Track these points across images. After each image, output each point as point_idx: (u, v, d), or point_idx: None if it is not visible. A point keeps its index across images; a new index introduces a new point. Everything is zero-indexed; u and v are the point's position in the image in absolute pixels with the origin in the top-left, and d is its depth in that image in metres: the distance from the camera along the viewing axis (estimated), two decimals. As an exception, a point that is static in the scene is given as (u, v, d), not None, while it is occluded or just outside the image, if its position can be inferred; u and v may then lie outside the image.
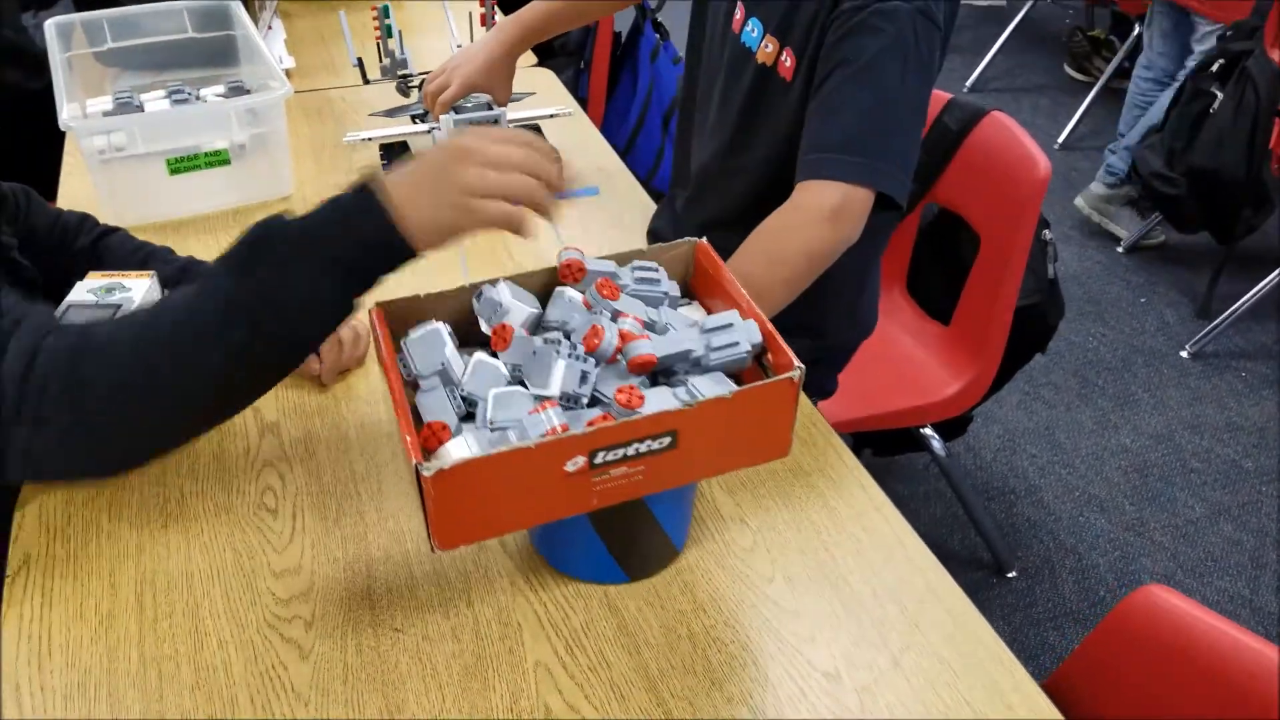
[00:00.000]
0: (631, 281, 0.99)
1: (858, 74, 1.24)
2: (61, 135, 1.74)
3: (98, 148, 1.56)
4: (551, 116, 1.77)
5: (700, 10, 1.53)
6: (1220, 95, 2.75)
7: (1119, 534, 2.31)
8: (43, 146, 1.16)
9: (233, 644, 0.96)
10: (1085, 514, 2.36)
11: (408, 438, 0.81)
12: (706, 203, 1.55)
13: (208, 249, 1.53)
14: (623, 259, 1.02)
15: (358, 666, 0.94)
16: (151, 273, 1.21)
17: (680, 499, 1.01)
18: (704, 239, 1.05)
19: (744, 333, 0.92)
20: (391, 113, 1.76)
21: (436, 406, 0.89)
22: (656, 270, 1.01)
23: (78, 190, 1.63)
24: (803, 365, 0.88)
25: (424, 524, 0.83)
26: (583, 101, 2.68)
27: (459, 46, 1.71)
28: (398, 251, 0.85)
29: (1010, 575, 2.19)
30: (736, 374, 0.94)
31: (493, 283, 0.96)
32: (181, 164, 1.59)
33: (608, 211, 1.60)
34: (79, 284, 1.18)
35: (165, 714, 0.89)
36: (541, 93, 1.96)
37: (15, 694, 0.91)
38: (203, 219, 1.61)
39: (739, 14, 1.41)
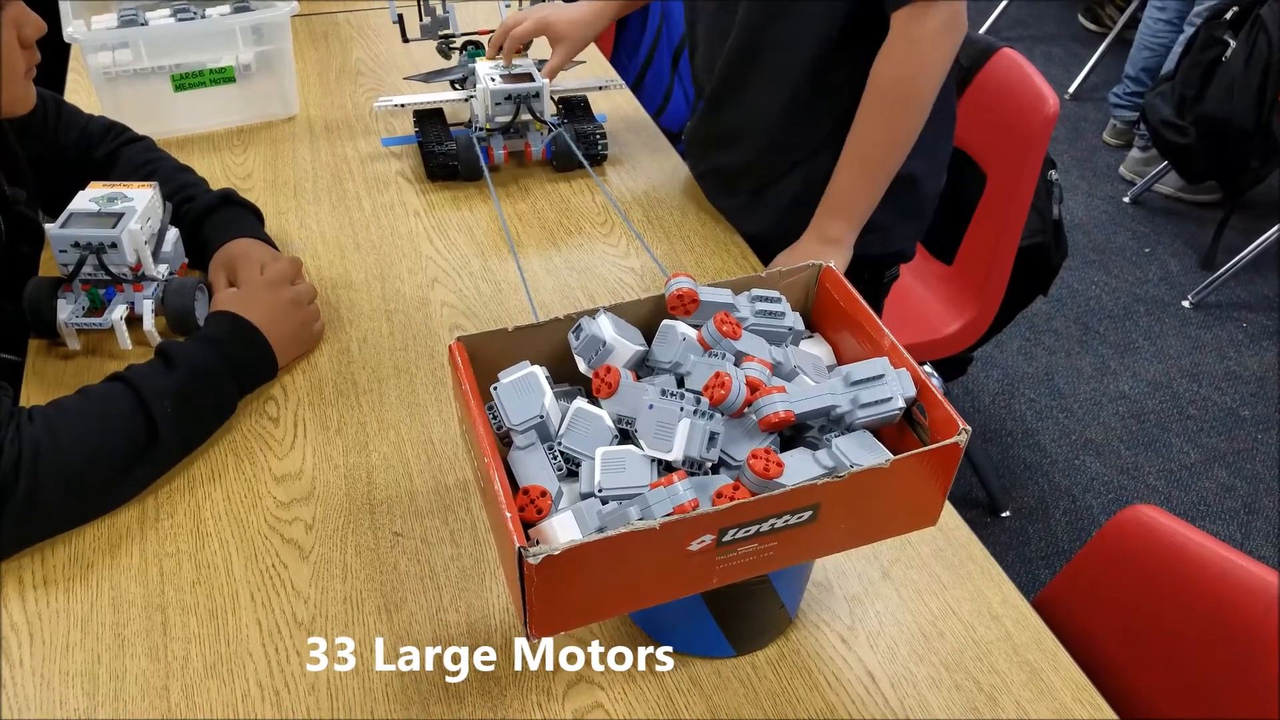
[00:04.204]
0: (751, 315, 0.86)
1: None
2: (63, 50, 1.74)
3: (103, 64, 1.56)
4: (600, 89, 1.69)
5: None
6: (1233, 44, 2.73)
7: (1113, 477, 2.32)
8: (43, 61, 1.16)
9: (234, 544, 0.97)
10: (1081, 457, 2.37)
11: (507, 514, 0.69)
12: (725, 111, 1.47)
13: (212, 166, 1.54)
14: (738, 286, 0.89)
15: (357, 567, 0.95)
16: (154, 184, 1.21)
17: (804, 565, 0.90)
18: (830, 264, 0.91)
19: (897, 386, 0.78)
20: (428, 77, 1.65)
21: (534, 468, 0.78)
22: (779, 301, 0.88)
23: (81, 107, 1.63)
24: (968, 427, 0.74)
25: (519, 605, 0.70)
26: (590, 36, 2.66)
27: (507, 7, 1.68)
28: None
29: (1004, 515, 2.21)
30: (876, 430, 0.80)
31: (592, 314, 0.84)
32: (186, 80, 1.59)
33: (651, 190, 1.58)
34: (81, 193, 1.19)
35: (167, 607, 0.91)
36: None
37: (18, 586, 0.92)
38: (208, 136, 1.61)
39: None
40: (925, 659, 0.89)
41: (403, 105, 1.59)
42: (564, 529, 0.72)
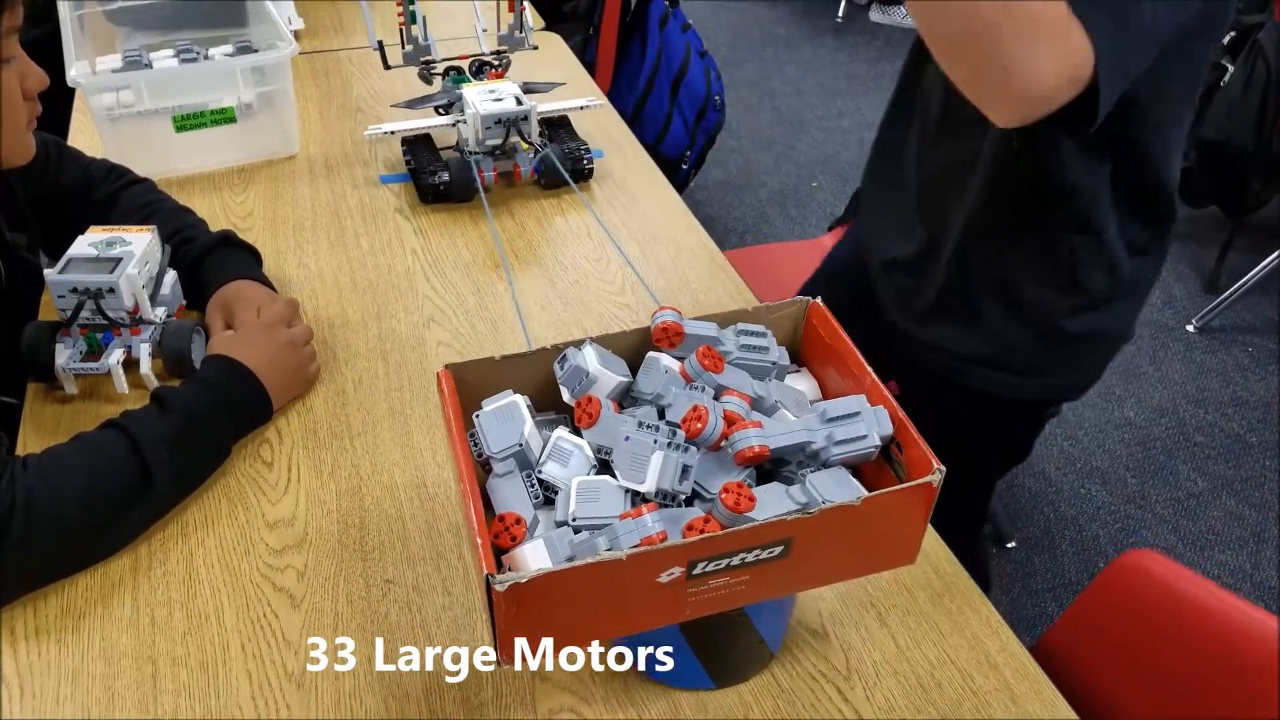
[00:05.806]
0: (735, 349, 0.86)
1: None
2: (68, 90, 1.75)
3: (106, 105, 1.57)
4: (581, 109, 1.71)
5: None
6: (1231, 68, 2.73)
7: (1120, 506, 2.31)
8: (49, 100, 1.17)
9: (225, 592, 0.97)
10: (1086, 486, 2.36)
11: (479, 540, 0.70)
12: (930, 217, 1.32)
13: (212, 205, 1.54)
14: (725, 320, 0.89)
15: (349, 616, 0.95)
16: (152, 228, 1.22)
17: (783, 600, 0.90)
18: (818, 299, 0.91)
19: (872, 423, 0.79)
20: (413, 103, 1.67)
21: (511, 495, 0.79)
22: (765, 336, 0.88)
23: (84, 148, 1.64)
24: (942, 466, 0.73)
25: (489, 630, 0.71)
26: (590, 66, 2.67)
27: (484, 31, 1.69)
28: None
29: (1010, 546, 2.20)
30: (855, 466, 0.81)
31: (578, 345, 0.84)
32: (188, 121, 1.60)
33: (643, 217, 1.59)
34: (80, 238, 1.19)
35: (158, 659, 0.90)
36: (550, 59, 1.96)
37: (10, 637, 0.92)
38: (209, 175, 1.62)
39: None
40: (923, 710, 0.88)
41: (392, 132, 1.62)
42: (535, 557, 0.73)
